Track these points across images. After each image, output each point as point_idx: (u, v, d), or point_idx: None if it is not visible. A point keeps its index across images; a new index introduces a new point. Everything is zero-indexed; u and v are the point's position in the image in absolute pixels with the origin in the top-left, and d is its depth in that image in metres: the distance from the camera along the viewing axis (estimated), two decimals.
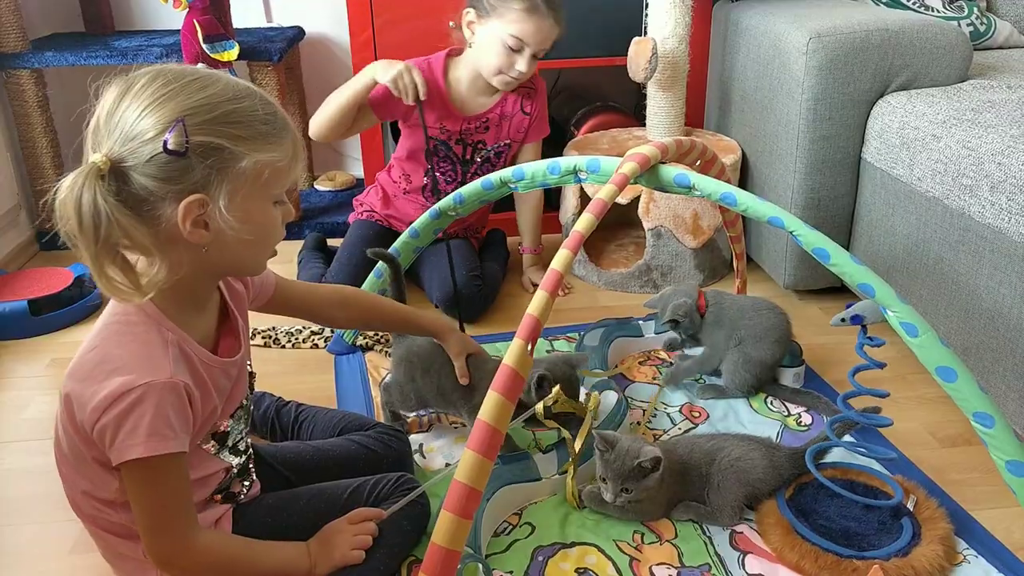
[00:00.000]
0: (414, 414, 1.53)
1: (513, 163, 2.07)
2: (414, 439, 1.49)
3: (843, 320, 1.24)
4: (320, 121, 1.88)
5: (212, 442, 1.06)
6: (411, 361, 1.46)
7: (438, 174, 2.00)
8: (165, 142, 0.87)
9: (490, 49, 1.85)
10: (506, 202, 2.44)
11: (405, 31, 2.09)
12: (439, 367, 1.43)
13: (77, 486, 1.03)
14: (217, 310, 1.07)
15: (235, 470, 1.12)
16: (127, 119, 0.89)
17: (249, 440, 1.16)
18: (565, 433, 1.33)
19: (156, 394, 0.92)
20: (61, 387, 0.98)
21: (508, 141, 2.01)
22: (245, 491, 1.15)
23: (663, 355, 1.75)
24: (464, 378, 1.38)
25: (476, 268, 1.96)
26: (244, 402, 1.11)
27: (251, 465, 1.17)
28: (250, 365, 1.15)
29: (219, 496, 1.11)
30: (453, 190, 1.85)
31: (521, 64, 1.84)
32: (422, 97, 1.78)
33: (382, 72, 1.77)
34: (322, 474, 1.25)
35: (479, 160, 2.01)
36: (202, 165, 0.89)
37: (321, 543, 1.11)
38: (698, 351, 1.66)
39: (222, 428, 1.07)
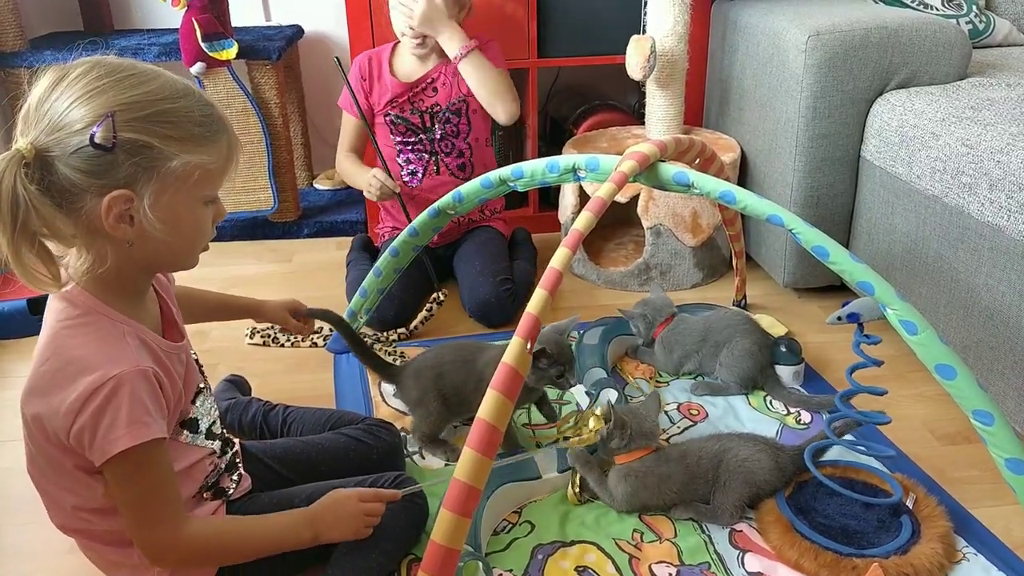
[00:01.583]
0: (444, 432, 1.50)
1: (488, 134, 2.11)
2: (411, 439, 1.49)
3: (839, 319, 1.25)
4: (342, 177, 2.19)
5: (185, 432, 1.06)
6: (421, 373, 1.47)
7: (410, 155, 2.06)
8: (92, 135, 0.86)
9: (392, 18, 2.00)
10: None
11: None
12: (449, 364, 1.45)
13: (64, 503, 1.01)
14: (155, 301, 1.07)
15: (223, 463, 1.12)
16: (57, 108, 0.88)
17: (222, 427, 1.15)
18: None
19: (128, 384, 0.91)
20: (22, 408, 0.96)
21: (463, 96, 2.02)
22: (234, 485, 1.15)
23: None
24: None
25: (506, 271, 1.96)
26: (201, 385, 1.11)
27: (238, 460, 1.17)
28: (195, 353, 1.13)
29: (208, 493, 1.11)
30: (424, 165, 2.05)
31: (396, 16, 1.96)
32: (395, 191, 1.97)
33: (365, 190, 2.02)
34: (314, 467, 1.25)
35: (439, 125, 2.04)
36: (129, 162, 0.88)
37: (329, 512, 1.09)
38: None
39: (190, 414, 1.07)
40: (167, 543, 0.98)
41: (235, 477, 1.16)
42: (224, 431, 1.15)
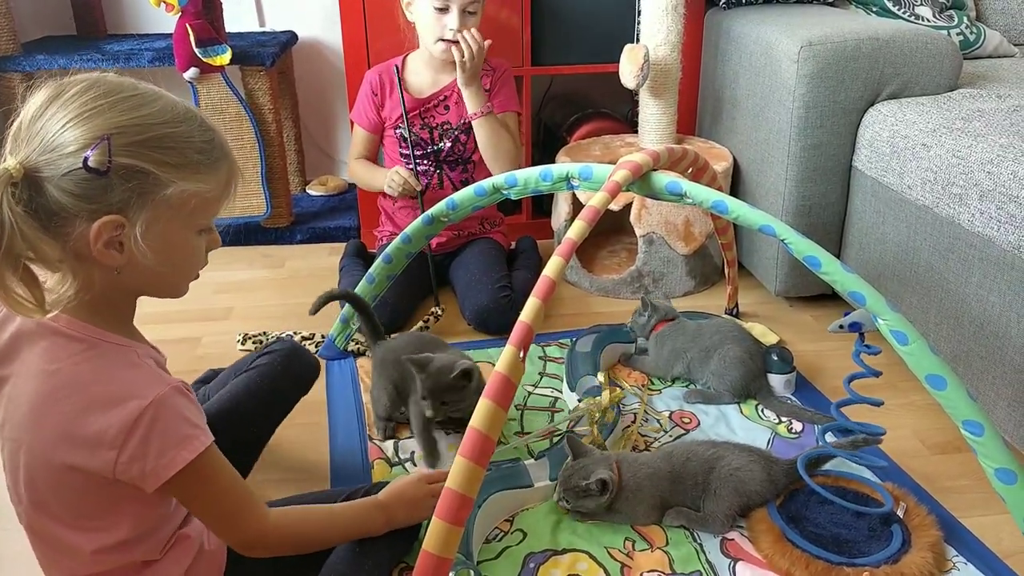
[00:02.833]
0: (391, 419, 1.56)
1: None
2: (406, 445, 1.49)
3: (841, 327, 1.25)
4: (355, 182, 2.21)
5: None
6: (386, 356, 1.55)
7: (415, 167, 2.04)
8: (86, 159, 0.82)
9: (424, 21, 1.93)
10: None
11: (398, 36, 2.10)
12: (404, 353, 1.49)
13: (82, 547, 0.95)
14: None
15: None
16: (50, 128, 0.84)
17: None
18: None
19: (166, 405, 0.89)
20: (46, 459, 0.90)
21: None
22: None
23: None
24: None
25: (504, 278, 1.96)
26: None
27: None
28: None
29: None
30: (428, 178, 2.05)
31: (452, 22, 1.89)
32: (417, 188, 1.98)
33: (384, 185, 2.01)
34: (239, 415, 1.27)
35: (448, 142, 2.04)
36: (123, 187, 0.85)
37: (399, 498, 1.14)
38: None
39: None
40: (255, 533, 0.99)
41: None
42: None
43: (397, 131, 2.03)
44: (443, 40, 1.91)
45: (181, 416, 0.90)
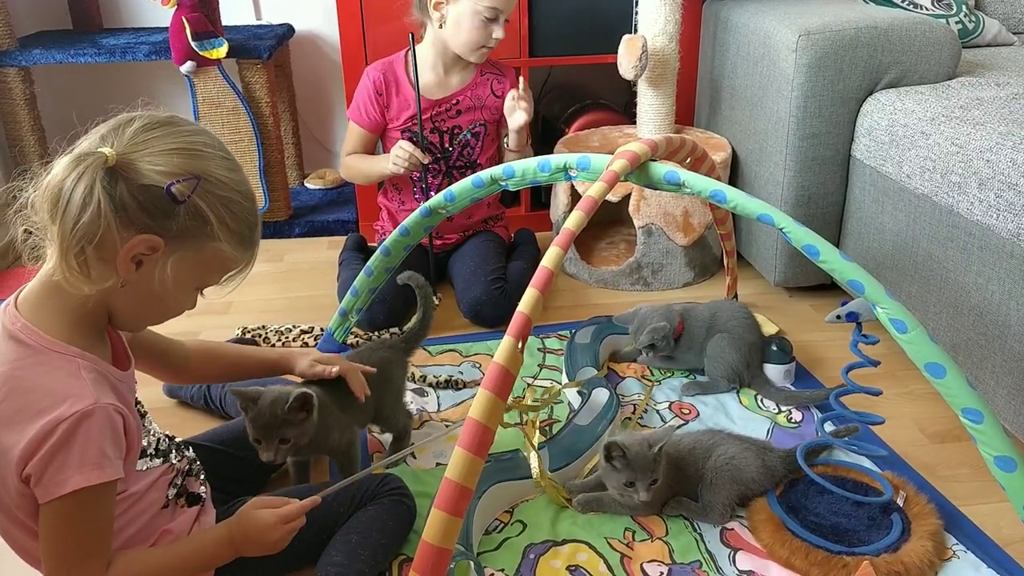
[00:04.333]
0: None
1: (494, 152, 2.09)
2: None
3: (838, 317, 1.25)
4: (350, 176, 2.13)
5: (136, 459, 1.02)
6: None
7: (422, 172, 2.01)
8: (170, 185, 0.89)
9: (466, 26, 1.89)
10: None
11: (394, 28, 2.09)
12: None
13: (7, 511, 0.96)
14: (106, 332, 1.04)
15: (183, 468, 1.10)
16: (155, 144, 0.91)
17: (167, 436, 1.12)
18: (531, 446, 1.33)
19: (88, 423, 0.89)
20: None
21: (483, 121, 2.03)
22: (205, 489, 1.14)
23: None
24: (362, 394, 1.33)
25: (499, 270, 1.96)
26: (142, 409, 1.08)
27: (197, 465, 1.16)
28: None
29: (181, 500, 1.09)
30: (439, 182, 2.02)
31: (498, 32, 1.89)
32: (424, 161, 1.91)
33: (389, 164, 1.93)
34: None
35: (458, 146, 2.03)
36: (183, 221, 0.91)
37: (251, 537, 1.05)
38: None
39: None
40: None
41: (203, 479, 1.15)
42: (167, 436, 1.11)
43: (404, 133, 1.98)
44: (485, 48, 1.91)
45: (93, 440, 0.89)
